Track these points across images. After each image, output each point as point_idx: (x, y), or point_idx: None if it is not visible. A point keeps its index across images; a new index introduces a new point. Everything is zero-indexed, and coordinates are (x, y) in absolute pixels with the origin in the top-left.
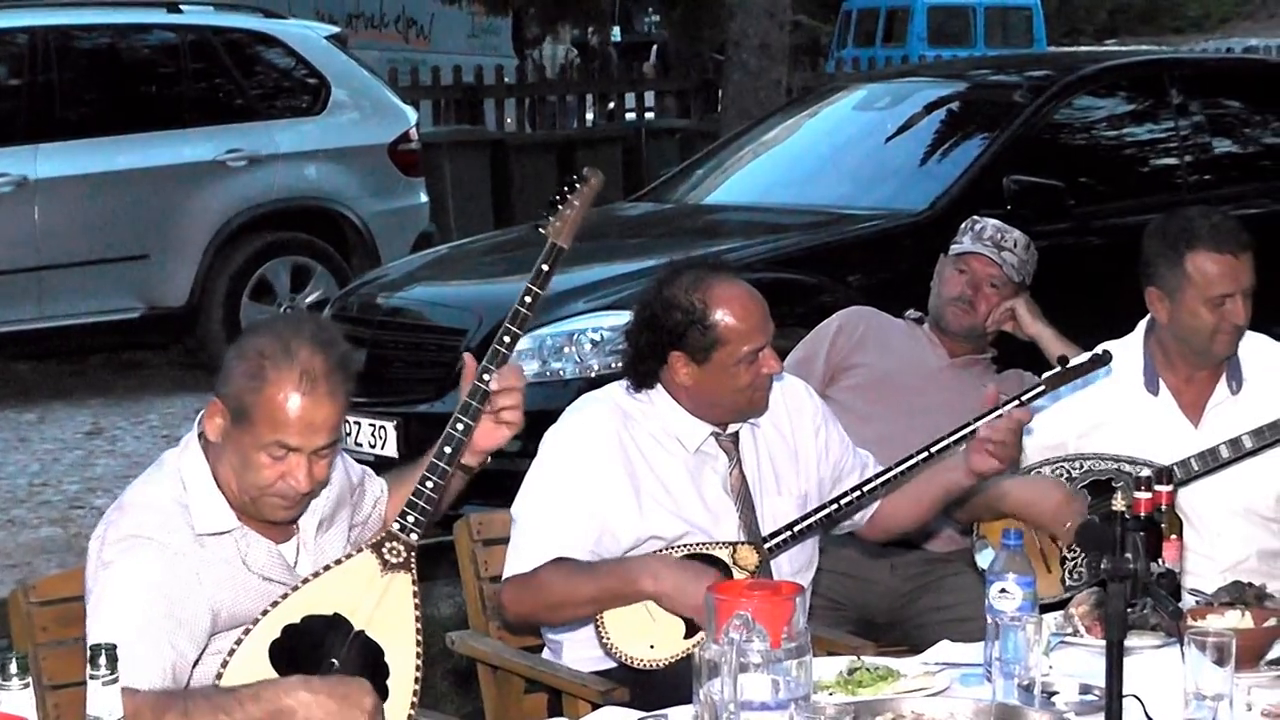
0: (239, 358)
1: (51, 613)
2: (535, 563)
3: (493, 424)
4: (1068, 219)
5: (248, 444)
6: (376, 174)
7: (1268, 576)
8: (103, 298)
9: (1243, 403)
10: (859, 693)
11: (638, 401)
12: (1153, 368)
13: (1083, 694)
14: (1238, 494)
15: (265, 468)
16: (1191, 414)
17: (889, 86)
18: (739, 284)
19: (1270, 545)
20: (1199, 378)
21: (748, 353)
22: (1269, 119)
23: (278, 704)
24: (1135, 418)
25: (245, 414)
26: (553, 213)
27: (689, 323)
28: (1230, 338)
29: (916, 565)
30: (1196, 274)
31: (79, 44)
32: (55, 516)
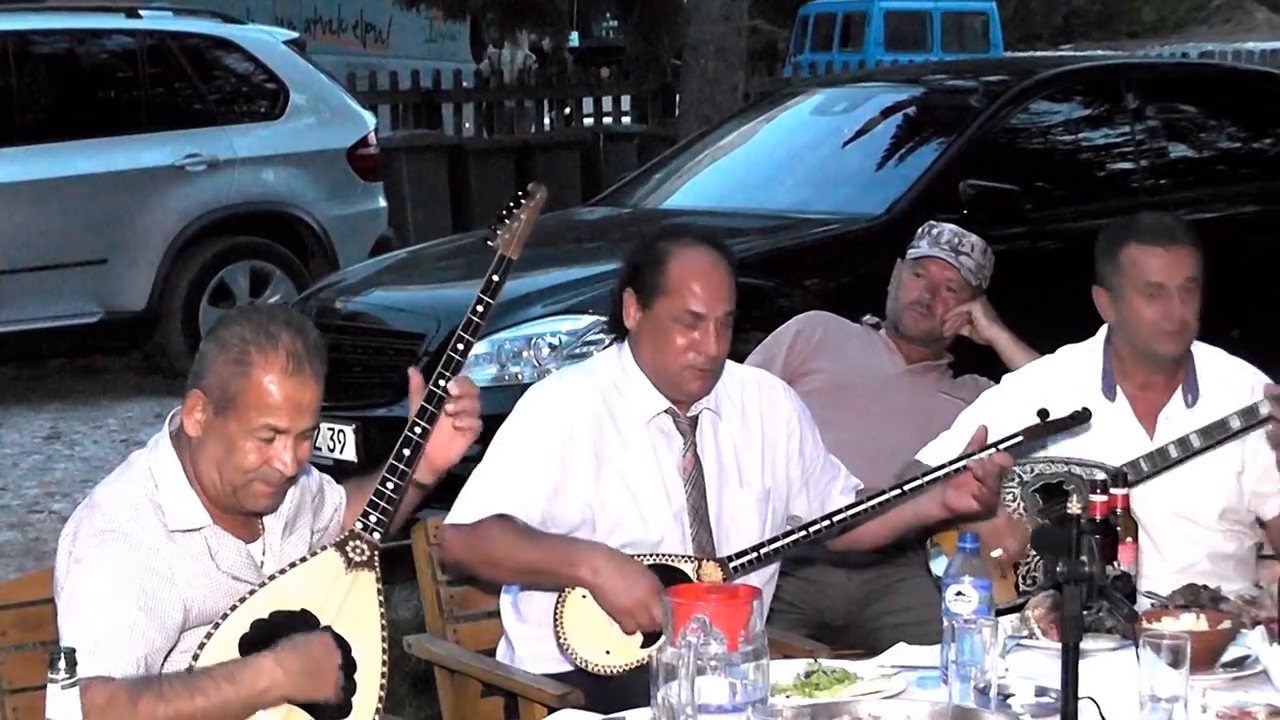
0: (219, 347)
1: (11, 616)
2: (482, 513)
3: (449, 434)
4: (1024, 223)
5: (233, 431)
6: (335, 178)
7: (1219, 578)
8: (61, 302)
9: (1198, 415)
10: (816, 695)
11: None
12: (1111, 374)
13: (1039, 696)
14: (1184, 501)
15: (252, 452)
16: (1146, 422)
17: (846, 91)
18: (712, 252)
19: (1221, 548)
20: (1154, 385)
21: (684, 314)
22: (1224, 124)
23: (252, 682)
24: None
25: (231, 401)
26: (501, 225)
27: (647, 261)
28: (1174, 337)
29: (873, 569)
30: (1130, 264)
31: (37, 49)
32: (14, 521)
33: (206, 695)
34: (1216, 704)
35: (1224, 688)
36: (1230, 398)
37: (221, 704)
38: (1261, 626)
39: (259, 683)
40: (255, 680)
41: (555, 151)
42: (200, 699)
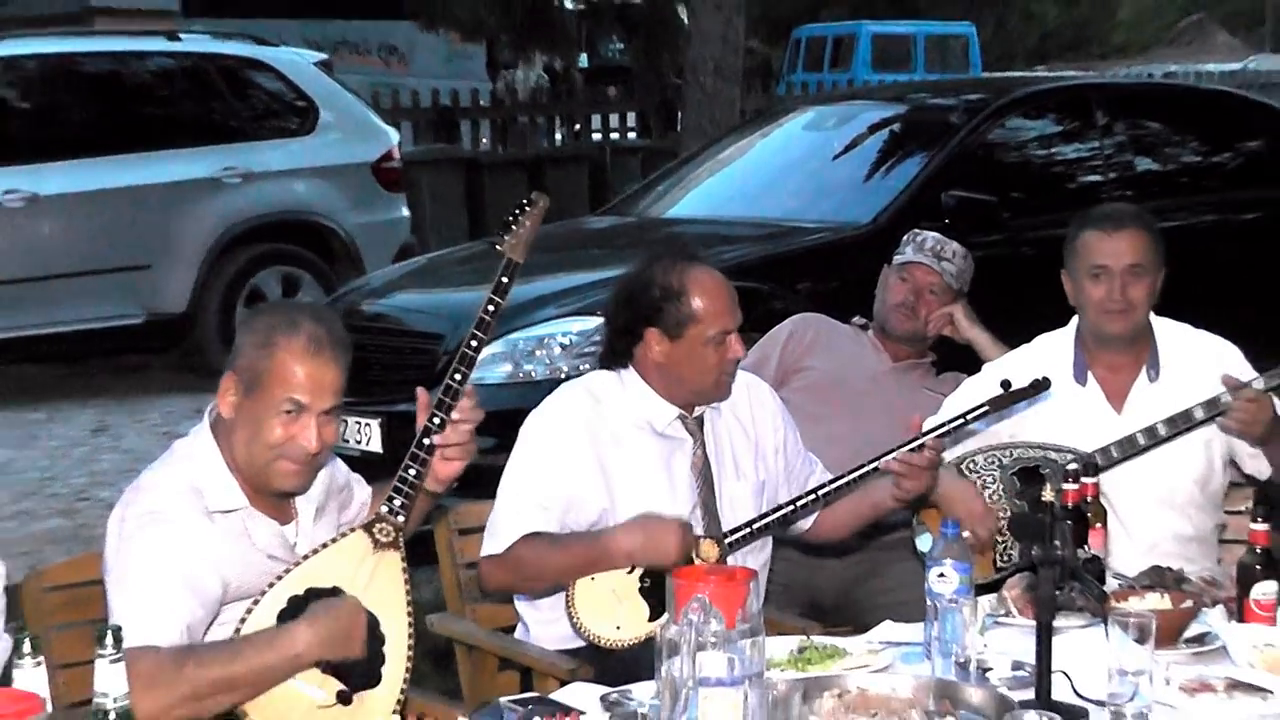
0: (249, 333)
1: (60, 597)
2: (508, 541)
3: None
4: (1001, 231)
5: (261, 409)
6: (360, 190)
7: (1182, 559)
8: (106, 305)
9: (1161, 388)
10: (808, 670)
11: (610, 387)
12: (1082, 361)
13: (1015, 670)
14: (1158, 482)
15: (278, 427)
16: (1115, 402)
17: (835, 108)
18: (713, 271)
19: (1184, 530)
20: (1119, 366)
21: (716, 334)
22: (1186, 139)
23: (287, 647)
24: (1064, 407)
25: (258, 380)
26: (507, 231)
27: (665, 299)
28: (1118, 316)
29: (861, 552)
30: (1081, 248)
31: (84, 69)
32: (62, 508)
33: (246, 660)
34: (1179, 677)
35: (1186, 662)
36: (1193, 371)
37: (261, 668)
38: (1221, 605)
39: (294, 647)
40: (291, 645)
41: (565, 164)
42: (240, 664)
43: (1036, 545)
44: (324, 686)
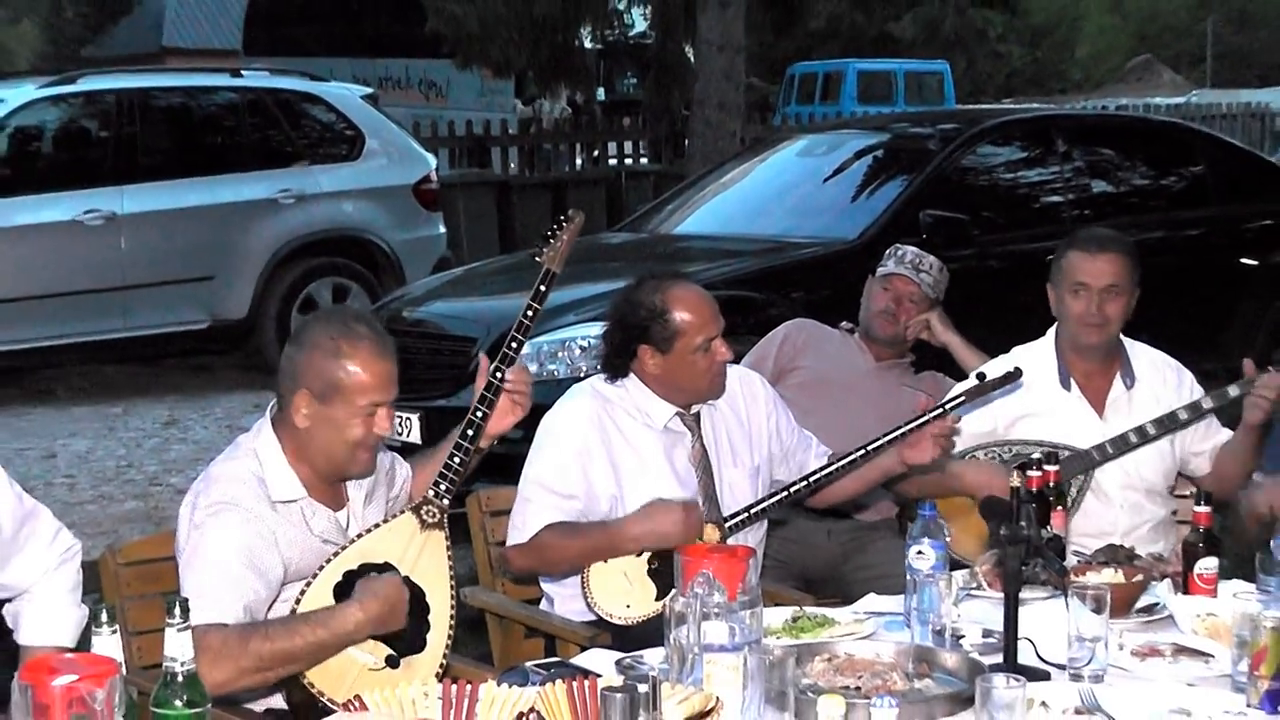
0: (313, 348)
1: (134, 572)
2: (533, 530)
3: (505, 408)
4: (973, 246)
5: (341, 415)
6: (402, 209)
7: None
8: (176, 311)
9: (1135, 396)
10: (801, 636)
11: (615, 388)
12: (1065, 368)
13: (985, 637)
14: (1138, 474)
15: (359, 427)
16: (1096, 406)
17: (825, 137)
18: (692, 286)
19: (1158, 516)
20: (1097, 373)
21: (702, 342)
22: (1136, 164)
23: (340, 624)
24: (1052, 410)
25: (335, 389)
26: (546, 244)
27: (652, 319)
28: (1094, 329)
29: (849, 532)
30: (1066, 265)
31: (157, 102)
32: (138, 493)
33: (304, 636)
34: (1131, 643)
35: (1137, 630)
36: (1159, 381)
37: (317, 644)
38: (1168, 580)
39: (346, 624)
40: (343, 622)
41: (585, 187)
42: (299, 639)
43: (1004, 526)
44: (374, 653)
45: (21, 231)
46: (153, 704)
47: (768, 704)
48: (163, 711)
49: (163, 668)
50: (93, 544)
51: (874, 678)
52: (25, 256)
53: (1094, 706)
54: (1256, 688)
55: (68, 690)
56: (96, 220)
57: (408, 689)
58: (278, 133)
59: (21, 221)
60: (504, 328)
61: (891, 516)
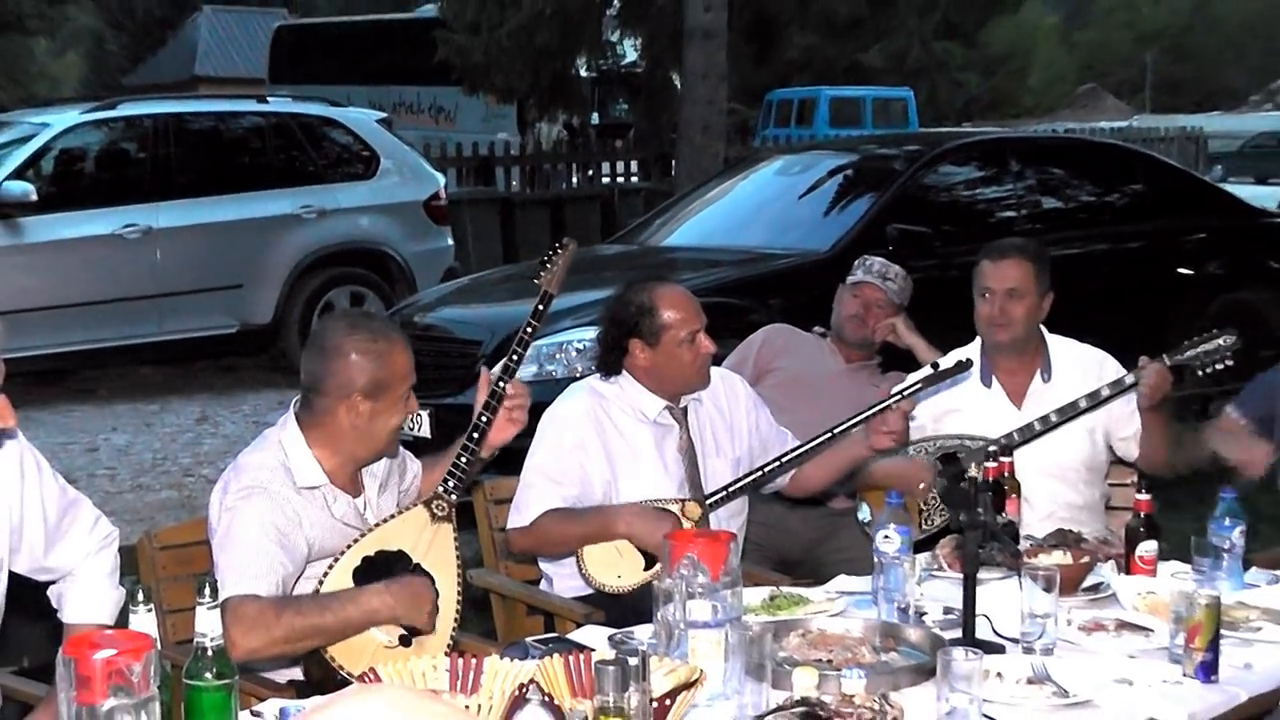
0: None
1: (169, 555)
2: (533, 514)
3: (504, 422)
4: (934, 257)
5: (387, 406)
6: (414, 223)
7: (1074, 524)
8: (207, 317)
9: (1053, 388)
10: (778, 614)
11: (610, 385)
12: (987, 367)
13: (946, 614)
14: (1052, 460)
15: (400, 413)
16: (1015, 400)
17: (800, 157)
18: (676, 286)
19: (1074, 500)
20: (1016, 370)
21: (687, 335)
22: (1083, 183)
23: (368, 604)
24: (975, 405)
25: (382, 385)
26: (544, 269)
27: (641, 315)
28: (998, 329)
29: (821, 518)
30: (977, 273)
31: (190, 126)
32: (172, 483)
33: (334, 612)
34: (1079, 619)
35: (1084, 607)
36: (1079, 374)
37: (345, 620)
38: (1112, 561)
39: (373, 605)
40: (371, 603)
41: (581, 203)
42: (329, 615)
43: (963, 512)
44: (389, 632)
45: (66, 244)
46: (185, 676)
47: (747, 675)
48: (194, 683)
49: (194, 643)
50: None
51: (844, 651)
52: (69, 267)
53: (1044, 677)
54: (1191, 659)
55: (107, 664)
56: (134, 234)
57: (418, 663)
58: (300, 154)
59: (66, 235)
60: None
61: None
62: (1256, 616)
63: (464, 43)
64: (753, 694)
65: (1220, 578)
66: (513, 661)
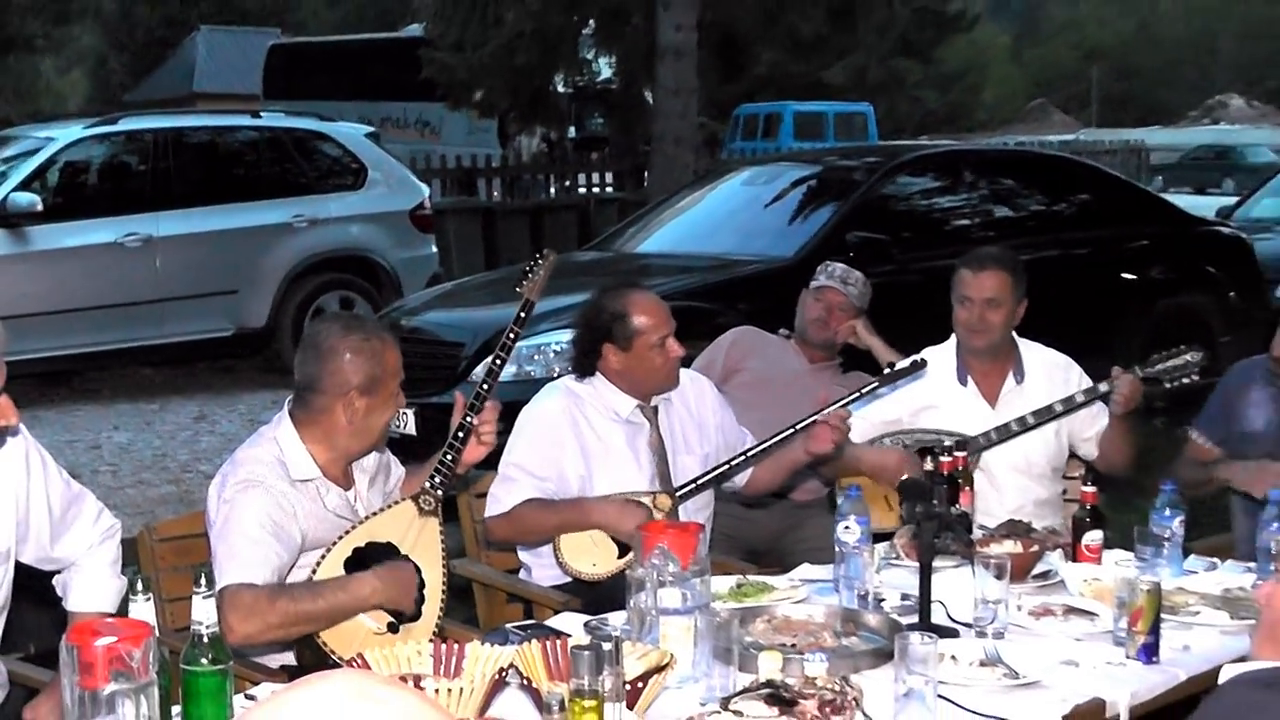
0: (346, 354)
1: (168, 547)
2: (510, 505)
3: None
4: (893, 263)
5: (380, 402)
6: (400, 232)
7: (1037, 517)
8: (204, 321)
9: (1025, 390)
10: (745, 601)
11: (584, 385)
12: (963, 366)
13: (903, 600)
14: (1021, 457)
15: (393, 406)
16: (989, 399)
17: (766, 169)
18: (647, 293)
19: (1040, 495)
20: (991, 371)
21: (657, 339)
22: (1033, 193)
23: (357, 591)
24: (951, 402)
25: (377, 382)
26: (525, 279)
27: (613, 321)
28: (976, 335)
29: (786, 510)
30: (956, 281)
31: (188, 140)
32: (171, 478)
33: (325, 599)
34: (1028, 604)
35: (1033, 593)
36: (1047, 377)
37: (335, 606)
38: (1060, 550)
39: (363, 591)
40: (360, 589)
41: (559, 212)
42: (321, 601)
43: (920, 504)
44: (378, 619)
45: (70, 252)
46: (183, 662)
47: (716, 659)
48: (191, 668)
49: (191, 630)
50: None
51: (807, 636)
52: (74, 274)
53: (996, 659)
54: (1134, 641)
55: (109, 650)
56: (135, 242)
57: (403, 648)
58: (292, 166)
59: (70, 244)
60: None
61: (822, 496)
62: (1195, 601)
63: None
64: (720, 676)
65: (1161, 565)
66: (493, 647)
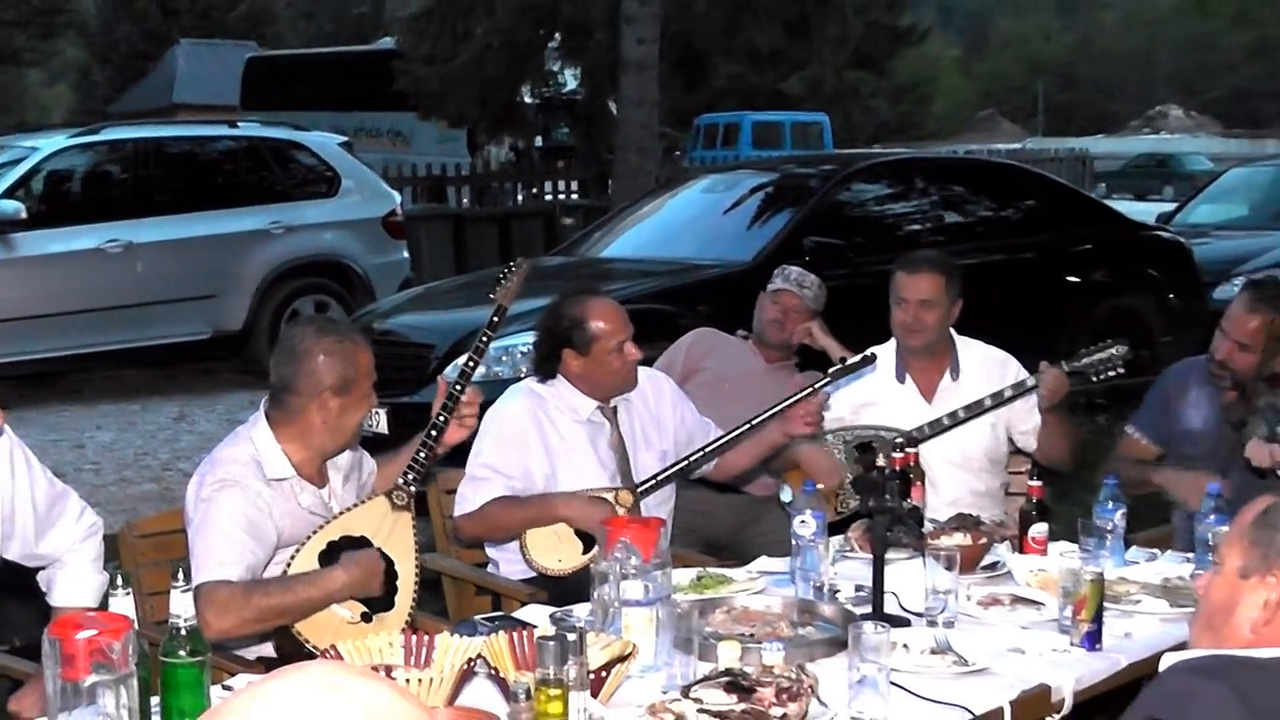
0: (320, 355)
1: (149, 543)
2: (479, 504)
3: (457, 425)
4: (848, 267)
5: (353, 402)
6: (373, 238)
7: (976, 509)
8: (184, 324)
9: (961, 386)
10: (705, 592)
11: (547, 387)
12: (901, 366)
13: (857, 591)
14: (957, 452)
15: (365, 407)
16: (926, 395)
17: (726, 176)
18: (605, 299)
19: (977, 487)
20: (927, 369)
21: (615, 344)
22: (982, 199)
23: (325, 583)
24: (889, 399)
25: (350, 382)
26: (499, 284)
27: (572, 327)
28: (911, 334)
29: (744, 504)
30: (893, 283)
31: (168, 149)
32: (152, 477)
33: (297, 593)
34: (977, 595)
35: (982, 584)
36: (984, 373)
37: (307, 599)
38: (1007, 542)
39: (332, 584)
40: (330, 582)
41: (526, 219)
42: (292, 595)
43: (873, 498)
44: (352, 609)
45: (54, 258)
46: (161, 654)
47: (676, 649)
48: (169, 660)
49: (169, 623)
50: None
51: (765, 626)
52: (57, 279)
53: (946, 647)
54: (1078, 629)
55: (90, 643)
56: (117, 249)
57: (375, 640)
58: (268, 174)
59: (54, 250)
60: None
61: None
62: (1136, 590)
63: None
64: (681, 665)
65: (1104, 556)
66: (462, 638)
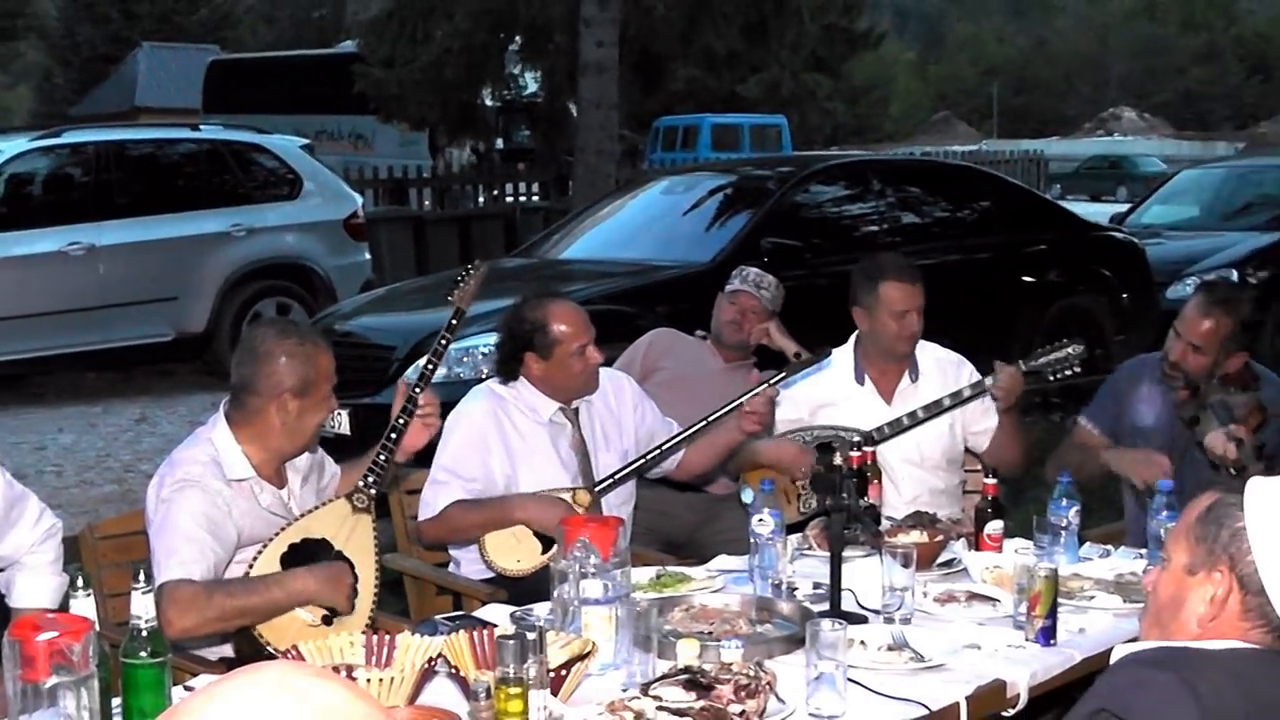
0: (281, 358)
1: (110, 544)
2: (440, 507)
3: (419, 426)
4: (805, 268)
5: (312, 404)
6: (334, 240)
7: (934, 507)
8: (145, 326)
9: (919, 388)
10: (664, 591)
11: (508, 389)
12: (860, 366)
13: (815, 589)
14: (915, 450)
15: (324, 410)
16: (885, 397)
17: (684, 178)
18: (566, 302)
19: (936, 485)
20: (889, 371)
21: (577, 348)
22: (937, 200)
23: (292, 587)
24: (848, 400)
25: (310, 384)
26: (457, 287)
27: (534, 331)
28: (909, 341)
29: (703, 503)
30: (885, 294)
31: (130, 152)
32: (113, 478)
33: (260, 594)
34: (934, 591)
35: (938, 580)
36: (940, 374)
37: (271, 601)
38: (963, 539)
39: (297, 588)
40: (295, 586)
41: (487, 220)
42: (256, 597)
43: (830, 496)
44: (313, 612)
45: (16, 261)
46: (122, 655)
47: (636, 647)
48: (130, 661)
49: (130, 624)
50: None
51: (724, 624)
52: (19, 282)
53: (903, 643)
54: (1033, 625)
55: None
56: (79, 251)
57: (337, 640)
58: (230, 177)
59: (16, 253)
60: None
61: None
62: (1089, 586)
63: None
64: (640, 663)
65: (1058, 552)
66: (423, 637)
